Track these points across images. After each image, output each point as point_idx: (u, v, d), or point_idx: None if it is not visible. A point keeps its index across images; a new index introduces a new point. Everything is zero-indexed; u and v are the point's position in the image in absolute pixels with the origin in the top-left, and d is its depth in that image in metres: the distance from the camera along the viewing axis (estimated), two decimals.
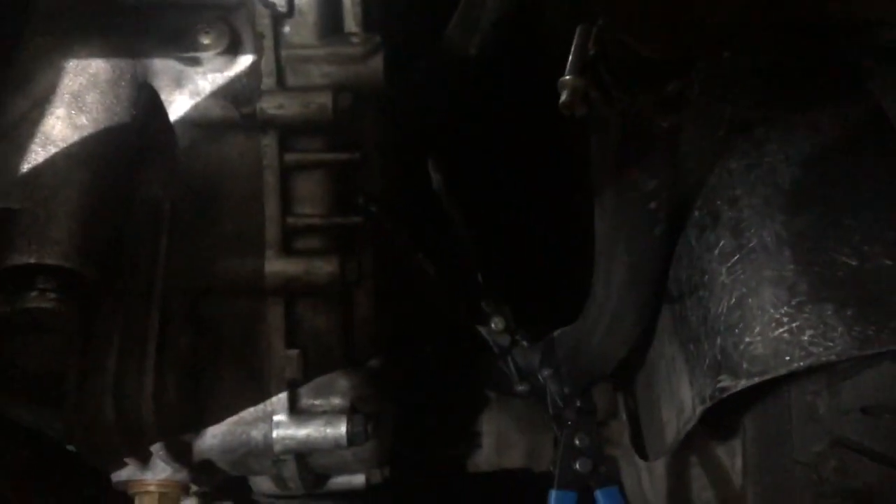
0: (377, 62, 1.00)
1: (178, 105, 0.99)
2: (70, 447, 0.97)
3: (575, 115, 0.61)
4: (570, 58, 0.61)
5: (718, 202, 0.84)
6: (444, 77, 1.31)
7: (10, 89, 0.90)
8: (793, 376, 0.79)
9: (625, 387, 1.21)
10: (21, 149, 0.85)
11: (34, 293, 0.81)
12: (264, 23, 0.97)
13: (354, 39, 1.00)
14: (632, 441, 1.17)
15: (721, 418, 0.97)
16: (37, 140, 0.86)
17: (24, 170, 0.84)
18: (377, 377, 1.08)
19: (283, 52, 0.98)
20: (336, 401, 1.03)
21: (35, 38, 0.93)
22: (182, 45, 0.97)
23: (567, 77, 0.60)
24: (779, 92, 0.89)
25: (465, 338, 1.13)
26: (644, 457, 1.13)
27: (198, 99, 0.99)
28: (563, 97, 0.60)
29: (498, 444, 1.34)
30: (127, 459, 0.98)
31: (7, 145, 0.86)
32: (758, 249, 0.79)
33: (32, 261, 0.81)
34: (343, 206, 1.04)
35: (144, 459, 0.98)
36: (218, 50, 0.97)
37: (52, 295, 0.82)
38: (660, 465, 1.23)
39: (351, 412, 1.01)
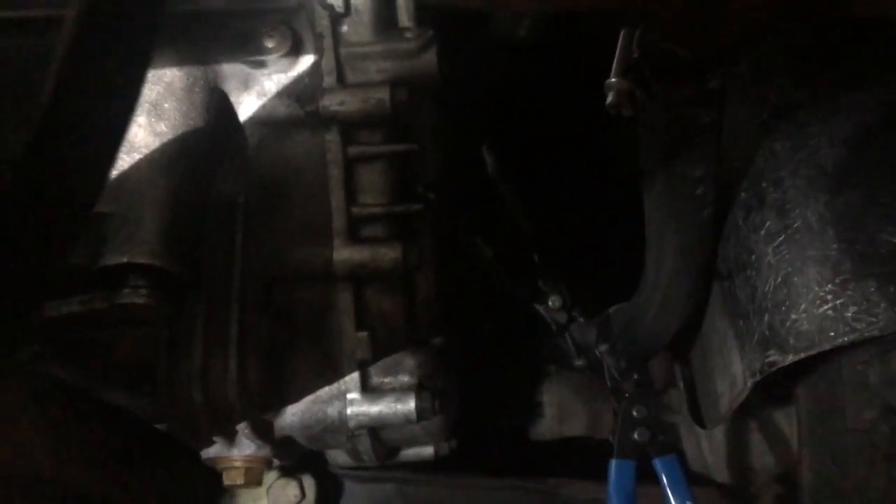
0: (431, 56, 1.03)
1: (246, 106, 1.05)
2: (161, 427, 1.05)
3: (621, 114, 0.65)
4: (615, 60, 0.64)
5: (763, 183, 0.87)
6: (494, 59, 1.33)
7: None
8: (843, 347, 0.82)
9: (681, 357, 1.24)
10: None
11: (127, 290, 0.89)
12: (323, 24, 1.01)
13: (408, 35, 1.03)
14: (689, 410, 1.20)
15: (777, 386, 1.00)
16: (122, 148, 0.93)
17: (112, 176, 0.91)
18: (441, 354, 1.14)
19: (342, 51, 1.02)
20: (404, 378, 1.08)
21: None
22: (248, 49, 1.02)
23: (612, 79, 0.64)
24: (821, 73, 0.90)
25: (523, 315, 1.17)
26: (702, 425, 1.16)
27: (264, 99, 1.04)
28: (610, 98, 0.64)
29: (559, 413, 1.38)
30: (215, 438, 1.06)
31: None
32: (802, 229, 0.81)
33: (125, 260, 0.89)
34: (403, 194, 1.08)
35: (231, 437, 1.06)
36: (281, 52, 1.02)
37: (144, 291, 0.89)
38: (719, 431, 1.26)
39: (419, 389, 1.07)
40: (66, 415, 1.04)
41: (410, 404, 1.05)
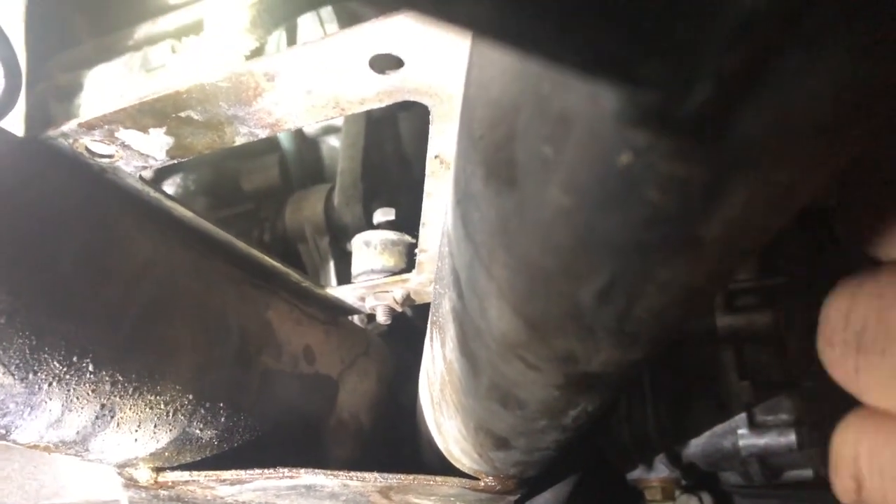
0: None
1: None
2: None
3: None
4: None
5: None
6: None
7: None
8: None
9: None
10: None
11: None
12: None
13: None
14: None
15: None
16: None
17: None
18: (814, 395, 1.38)
19: None
20: (783, 416, 1.34)
21: None
22: None
23: None
24: None
25: None
26: None
27: None
28: None
29: None
30: (639, 464, 1.41)
31: None
32: None
33: None
34: (771, 269, 1.35)
35: (649, 464, 1.41)
36: None
37: None
38: None
39: (798, 424, 1.33)
40: None
41: (792, 437, 1.32)
